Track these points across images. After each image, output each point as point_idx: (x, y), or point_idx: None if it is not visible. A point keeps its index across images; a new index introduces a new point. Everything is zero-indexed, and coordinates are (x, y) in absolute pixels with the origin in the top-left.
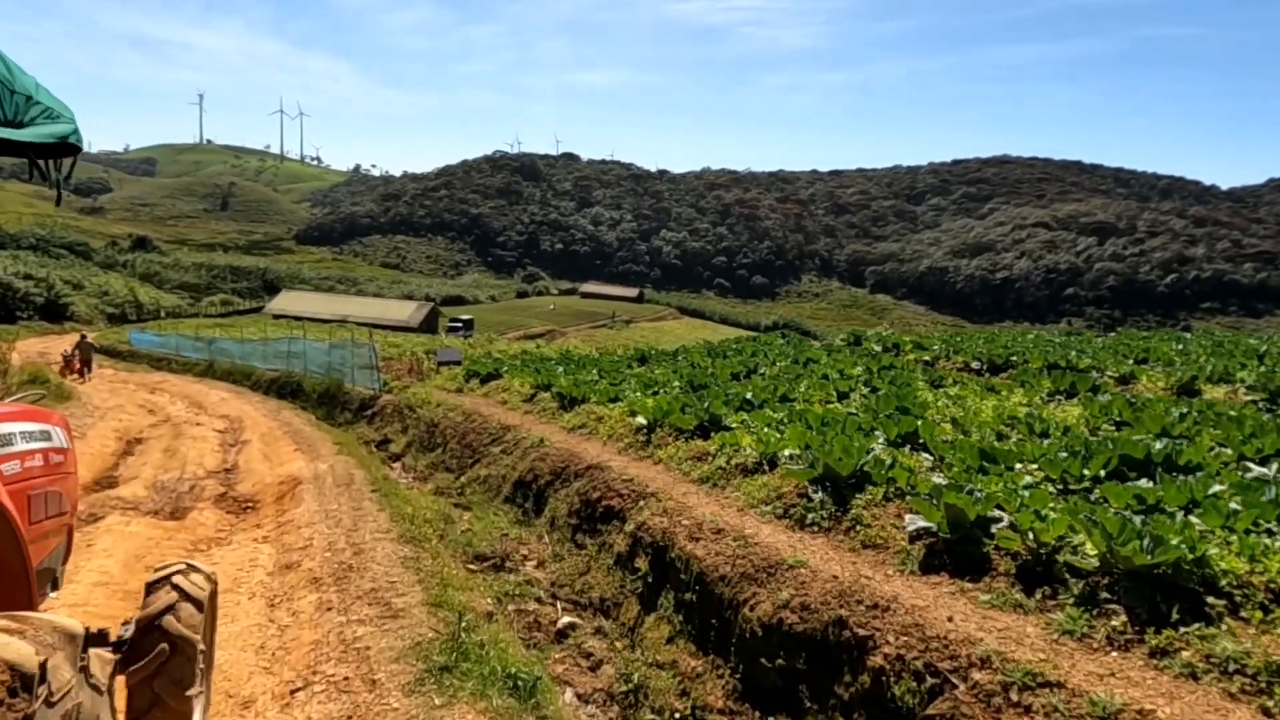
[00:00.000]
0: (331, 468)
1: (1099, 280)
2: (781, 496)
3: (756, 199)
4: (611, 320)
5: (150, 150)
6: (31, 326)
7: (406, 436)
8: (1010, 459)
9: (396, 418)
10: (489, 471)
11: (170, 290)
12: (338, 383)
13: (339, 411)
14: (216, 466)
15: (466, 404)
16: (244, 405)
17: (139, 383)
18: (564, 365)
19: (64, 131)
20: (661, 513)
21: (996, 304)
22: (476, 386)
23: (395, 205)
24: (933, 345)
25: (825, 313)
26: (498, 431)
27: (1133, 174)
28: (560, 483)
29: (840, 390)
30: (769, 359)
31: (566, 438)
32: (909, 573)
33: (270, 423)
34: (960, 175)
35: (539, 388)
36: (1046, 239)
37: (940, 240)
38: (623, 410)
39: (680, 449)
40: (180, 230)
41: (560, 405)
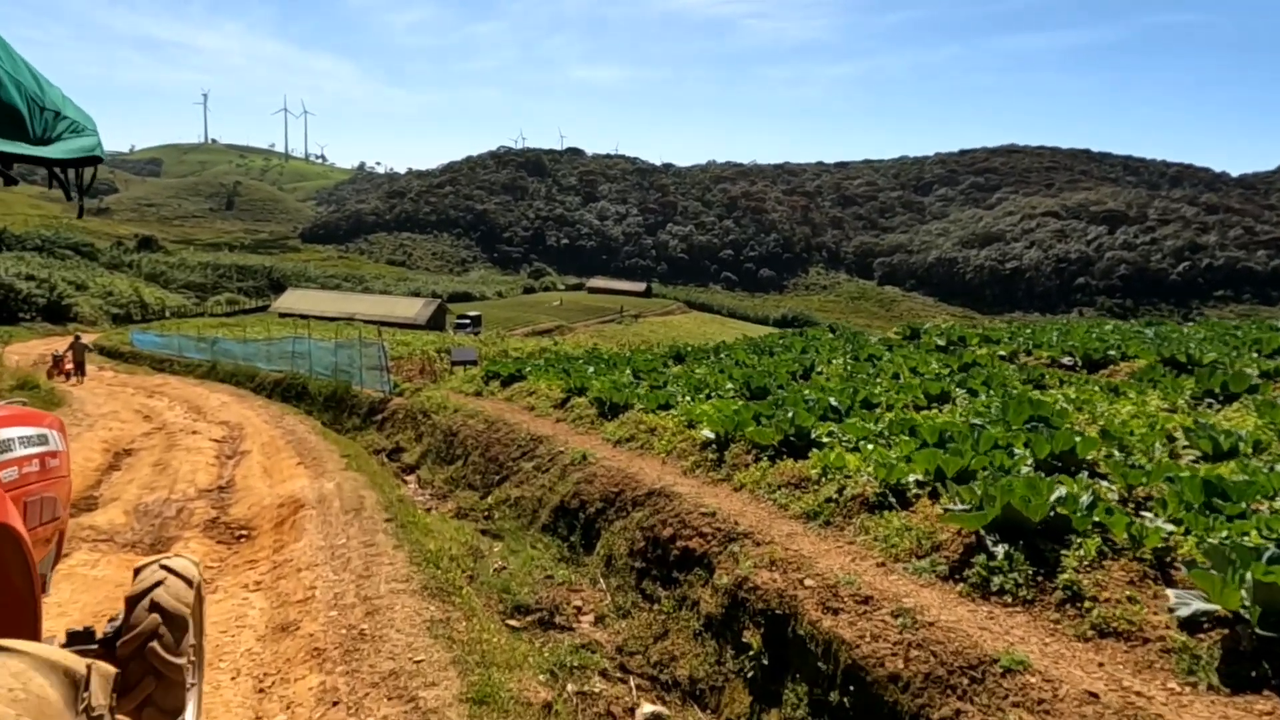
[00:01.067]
0: (339, 487)
1: (1110, 269)
2: (940, 548)
3: (763, 192)
4: (620, 315)
5: (156, 151)
6: (34, 328)
7: (421, 446)
8: (1247, 494)
9: (409, 424)
10: (521, 492)
11: (176, 290)
12: (345, 385)
13: (346, 416)
14: (210, 484)
15: (488, 410)
16: (245, 410)
17: (138, 386)
18: (594, 365)
19: (90, 145)
20: (768, 563)
21: (1007, 294)
22: (498, 390)
23: (400, 202)
24: (1002, 338)
25: (833, 305)
26: (528, 443)
27: (1142, 162)
28: (615, 512)
29: (930, 393)
30: (823, 356)
31: (613, 453)
32: (1206, 688)
33: (272, 430)
34: (968, 165)
35: (571, 392)
36: (1056, 228)
37: (949, 231)
38: (677, 420)
39: (766, 472)
40: (186, 230)
41: (599, 413)
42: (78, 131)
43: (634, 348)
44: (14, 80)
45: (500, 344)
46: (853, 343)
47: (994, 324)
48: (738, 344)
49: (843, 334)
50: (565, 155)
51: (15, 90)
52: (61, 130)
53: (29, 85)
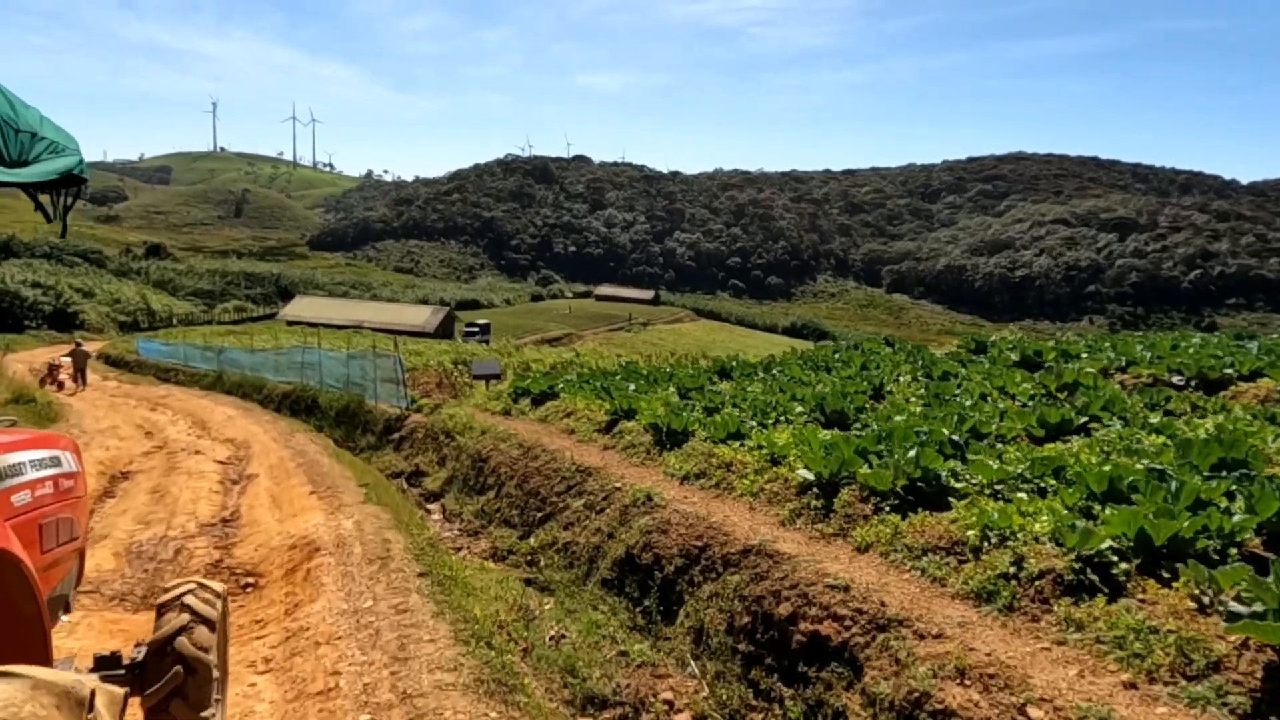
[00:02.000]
0: (359, 526)
1: (1121, 277)
2: (1221, 666)
3: (770, 199)
4: (629, 323)
5: (165, 159)
6: (40, 335)
7: (445, 471)
8: None
9: (430, 445)
10: (571, 536)
11: (184, 297)
12: (358, 399)
13: (360, 434)
14: (213, 516)
15: (521, 432)
16: (252, 426)
17: (141, 397)
18: (633, 381)
19: (68, 165)
20: (954, 673)
21: (1016, 302)
22: (529, 409)
23: (408, 210)
24: (1080, 351)
25: (842, 313)
26: (575, 476)
27: (1151, 169)
28: (701, 572)
29: (1048, 421)
30: (886, 371)
31: (683, 494)
32: None
33: (281, 451)
34: (975, 172)
35: (618, 414)
36: (1066, 235)
37: (958, 238)
38: (757, 454)
39: (897, 529)
40: (195, 237)
41: (655, 441)
42: (57, 152)
43: (673, 361)
44: None
45: (517, 354)
46: (917, 357)
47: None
48: (788, 359)
49: (901, 347)
50: (572, 163)
51: None
52: (39, 152)
53: (2, 109)
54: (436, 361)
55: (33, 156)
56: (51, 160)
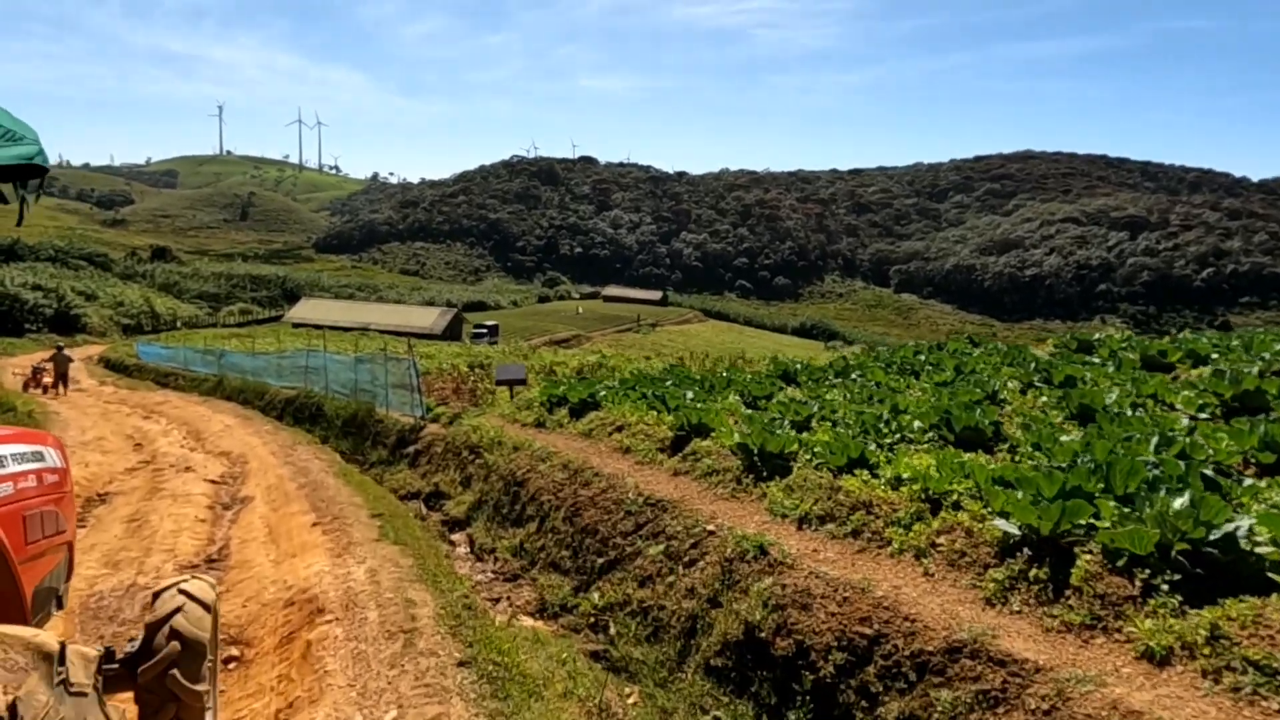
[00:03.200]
0: (373, 576)
1: (1133, 276)
2: None
3: (777, 199)
4: (637, 324)
5: (172, 162)
6: (40, 339)
7: (471, 493)
8: None
9: (452, 461)
10: (650, 596)
11: (189, 300)
12: (367, 407)
13: (370, 446)
14: (196, 553)
15: (564, 450)
16: (251, 437)
17: (137, 404)
18: (688, 388)
19: (28, 153)
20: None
21: (1026, 302)
22: (566, 420)
23: (414, 212)
24: (1208, 352)
25: (850, 313)
26: (643, 510)
27: (1160, 167)
28: (883, 678)
29: (1277, 440)
30: (984, 375)
31: (810, 544)
32: None
33: (281, 468)
34: (983, 172)
35: (686, 430)
36: (1076, 234)
37: (966, 238)
38: (905, 490)
39: (1218, 627)
40: (201, 240)
41: (746, 466)
42: (14, 140)
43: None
44: None
45: (535, 356)
46: (1019, 360)
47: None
48: (865, 361)
49: (991, 347)
50: (578, 164)
51: None
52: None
53: None
54: (450, 365)
55: None
56: (9, 148)
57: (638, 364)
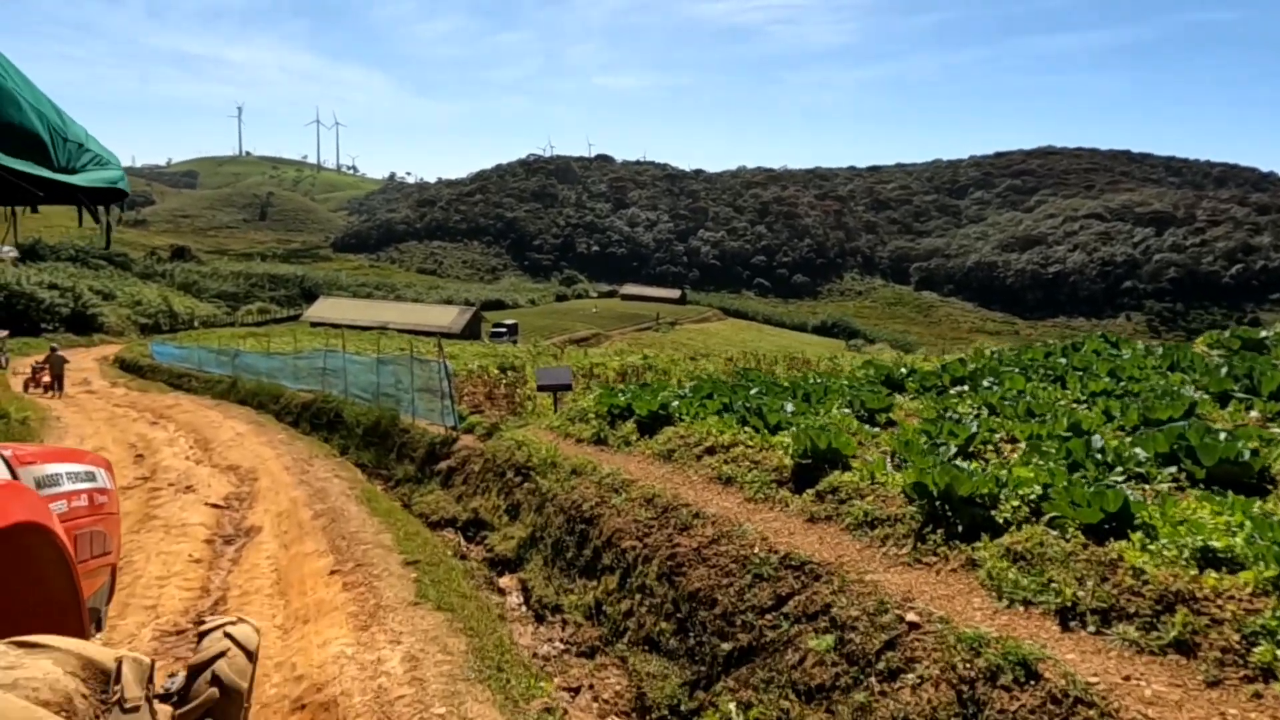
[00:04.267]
0: (414, 669)
1: (1159, 272)
2: None
3: (795, 197)
4: (656, 322)
5: (192, 163)
6: (56, 339)
7: (521, 526)
8: None
9: (493, 482)
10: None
11: (208, 299)
12: (390, 414)
13: (395, 460)
14: (184, 612)
15: (640, 477)
16: (263, 448)
17: (146, 407)
18: (782, 397)
19: (114, 177)
20: None
21: (1049, 299)
22: (634, 436)
23: (431, 211)
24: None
25: (870, 311)
26: (778, 572)
27: (1185, 162)
28: None
29: None
30: (1177, 387)
31: (1111, 662)
32: None
33: (295, 488)
34: (1003, 168)
35: (811, 456)
36: (1100, 230)
37: (987, 234)
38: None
39: None
40: (220, 240)
41: (931, 517)
42: (102, 164)
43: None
44: (35, 109)
45: (565, 356)
46: (1182, 361)
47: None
48: (992, 366)
49: (1133, 346)
50: (595, 162)
51: (37, 118)
52: (86, 162)
53: (51, 116)
54: (477, 366)
55: (80, 165)
56: (98, 170)
57: (682, 365)
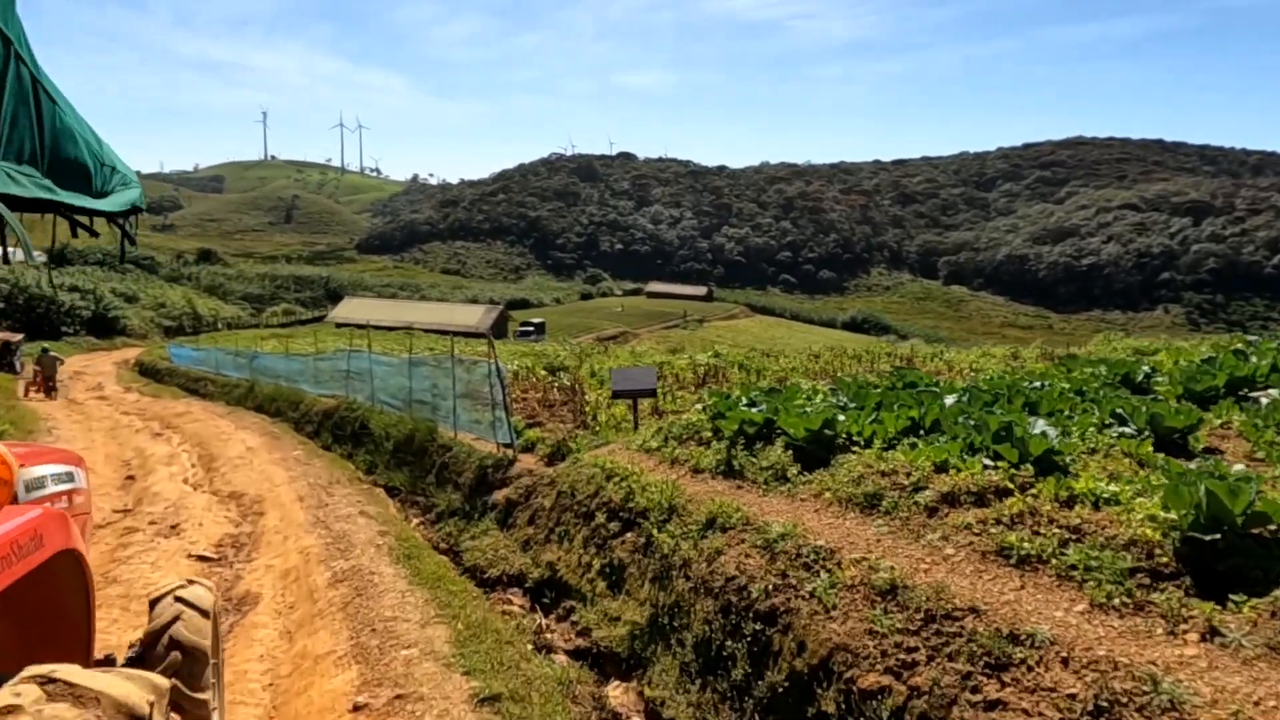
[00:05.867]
0: None
1: (1197, 263)
2: None
3: (819, 191)
4: (683, 320)
5: (218, 168)
6: (77, 342)
7: (632, 603)
8: None
9: (575, 526)
10: None
11: (234, 301)
12: (426, 427)
13: (434, 483)
14: None
15: (832, 538)
16: (274, 467)
17: (154, 415)
18: (1009, 412)
19: (136, 197)
20: None
21: (1083, 292)
22: (788, 465)
23: (454, 211)
24: None
25: (898, 306)
26: None
27: (1220, 150)
28: None
29: None
30: None
31: None
32: None
33: (309, 533)
34: (1032, 159)
35: (1219, 529)
36: (1135, 221)
37: (1018, 227)
38: None
39: None
40: (246, 243)
41: None
42: (126, 184)
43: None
44: (84, 139)
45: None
46: None
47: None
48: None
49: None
50: (617, 160)
51: (86, 149)
52: (115, 184)
53: (94, 144)
54: (519, 366)
55: (111, 188)
56: (124, 192)
57: (757, 361)
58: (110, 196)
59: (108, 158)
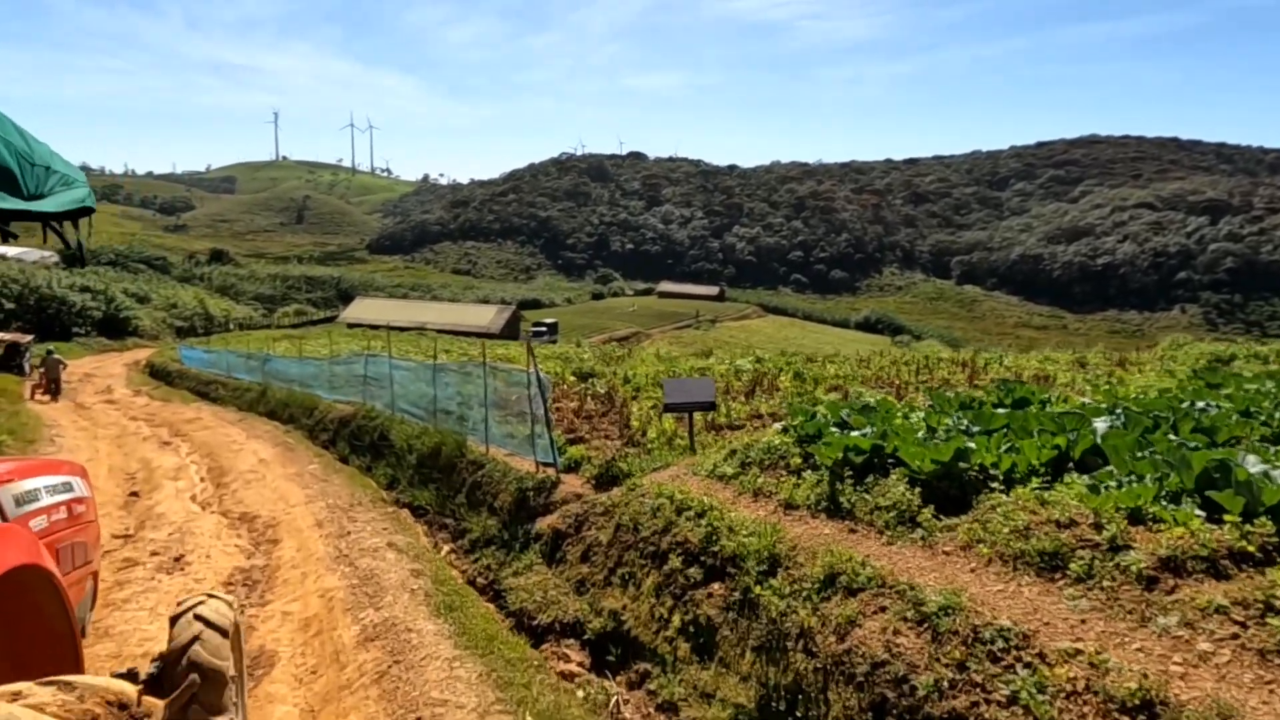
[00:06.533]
0: None
1: (1215, 263)
2: None
3: (831, 191)
4: (696, 320)
5: (230, 169)
6: (88, 343)
7: (728, 676)
8: None
9: (640, 566)
10: None
11: (245, 302)
12: (455, 440)
13: (465, 505)
14: None
15: (1031, 625)
16: (289, 483)
17: (163, 421)
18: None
19: (80, 196)
20: None
21: (1098, 292)
22: (914, 504)
23: (464, 212)
24: None
25: (911, 306)
26: None
27: (1236, 149)
28: None
29: None
30: None
31: None
32: None
33: (331, 571)
34: (1045, 158)
35: None
36: (1151, 220)
37: (1031, 226)
38: None
39: None
40: (258, 244)
41: None
42: (69, 184)
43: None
44: (3, 140)
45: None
46: None
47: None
48: None
49: None
50: (627, 160)
51: (5, 149)
52: (53, 184)
53: (17, 144)
54: (549, 372)
55: (48, 190)
56: (65, 192)
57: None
58: (47, 198)
59: (39, 157)
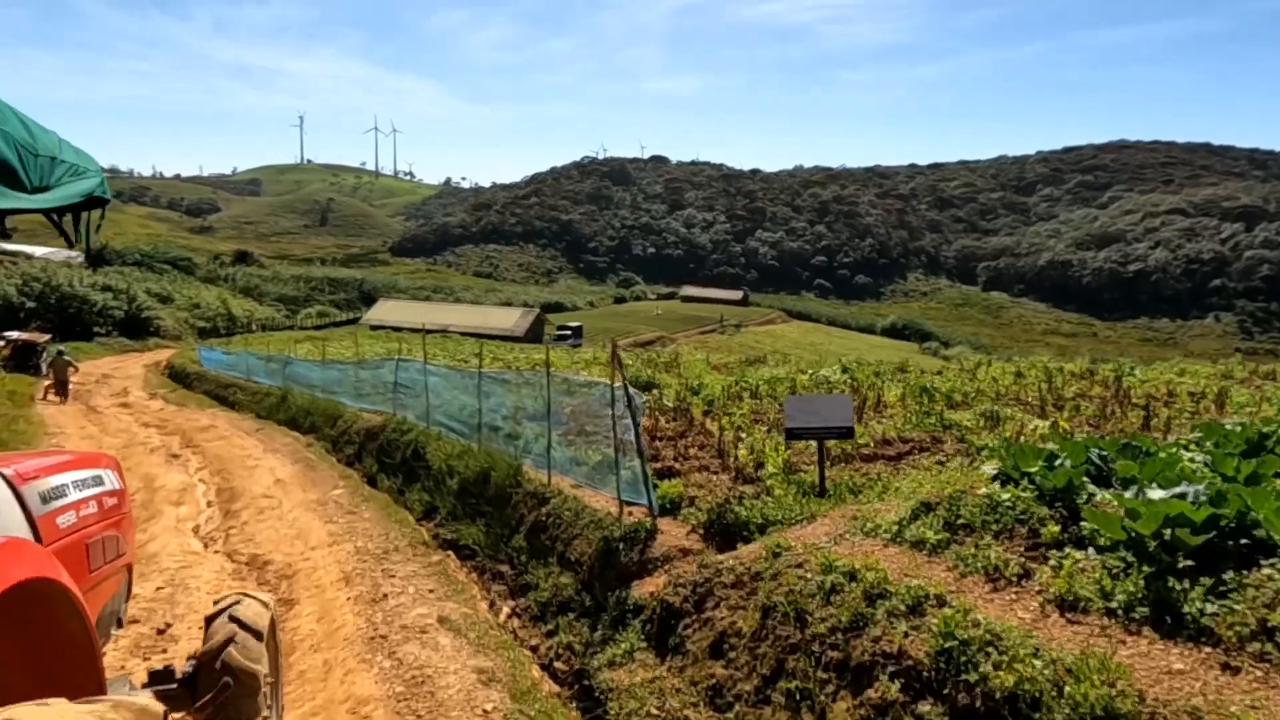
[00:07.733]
0: None
1: (1250, 270)
2: None
3: (855, 195)
4: (720, 324)
5: (255, 172)
6: (109, 343)
7: None
8: None
9: (831, 690)
10: None
11: (269, 303)
12: (508, 466)
13: (529, 553)
14: None
15: None
16: (310, 516)
17: (176, 428)
18: None
19: (89, 188)
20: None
21: (1129, 299)
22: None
23: (486, 215)
24: None
25: (936, 312)
26: None
27: (1270, 154)
28: None
29: None
30: None
31: None
32: None
33: (366, 667)
34: (1073, 163)
35: None
36: (1184, 226)
37: (1060, 232)
38: None
39: None
40: (282, 246)
41: None
42: (78, 174)
43: None
44: (1, 131)
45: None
46: None
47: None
48: None
49: None
50: (649, 163)
51: (3, 141)
52: (60, 175)
53: (18, 134)
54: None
55: (54, 181)
56: (73, 183)
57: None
58: (55, 190)
59: (44, 147)
